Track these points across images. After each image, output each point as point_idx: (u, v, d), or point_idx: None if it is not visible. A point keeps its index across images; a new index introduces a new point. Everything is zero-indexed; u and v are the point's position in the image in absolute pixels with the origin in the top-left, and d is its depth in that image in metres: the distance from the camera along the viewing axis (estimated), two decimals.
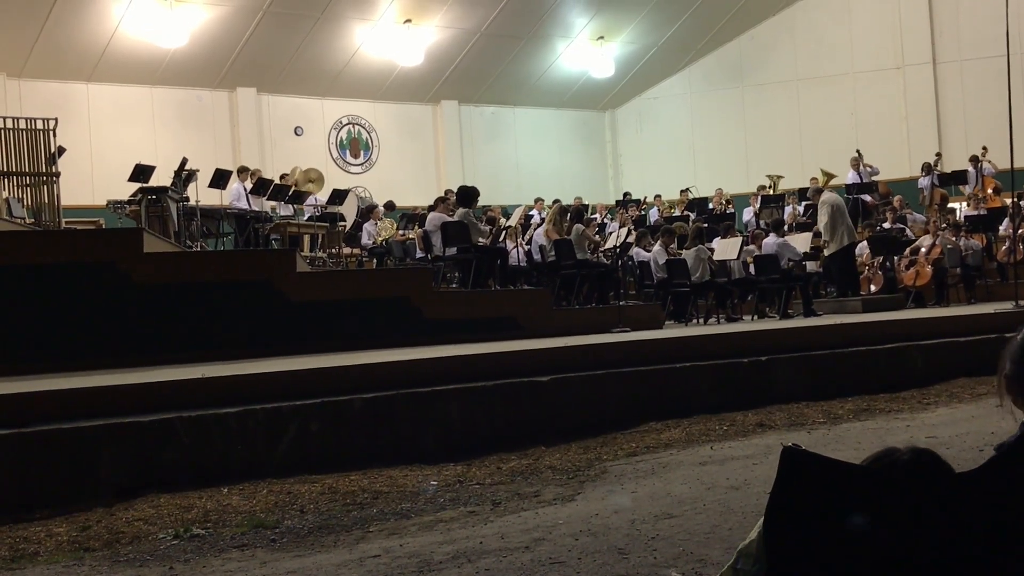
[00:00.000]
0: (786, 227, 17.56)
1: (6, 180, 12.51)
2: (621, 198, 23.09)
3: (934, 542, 2.16)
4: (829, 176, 18.91)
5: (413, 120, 24.65)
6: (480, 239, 13.37)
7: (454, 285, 14.28)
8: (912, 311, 14.36)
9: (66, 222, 13.60)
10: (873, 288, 16.39)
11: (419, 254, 15.25)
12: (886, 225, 18.15)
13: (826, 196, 15.35)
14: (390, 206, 18.87)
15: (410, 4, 21.40)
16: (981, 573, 2.14)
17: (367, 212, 17.57)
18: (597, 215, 20.52)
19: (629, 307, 13.19)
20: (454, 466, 6.60)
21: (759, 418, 7.87)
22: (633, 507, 5.18)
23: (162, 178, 15.02)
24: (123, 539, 5.08)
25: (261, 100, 22.42)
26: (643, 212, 21.39)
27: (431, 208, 14.94)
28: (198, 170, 15.14)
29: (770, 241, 15.19)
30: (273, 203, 16.44)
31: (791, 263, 14.91)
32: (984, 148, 19.76)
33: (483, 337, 10.41)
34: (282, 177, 17.06)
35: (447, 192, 19.03)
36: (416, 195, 22.04)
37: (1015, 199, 16.19)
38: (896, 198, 19.98)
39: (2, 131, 12.31)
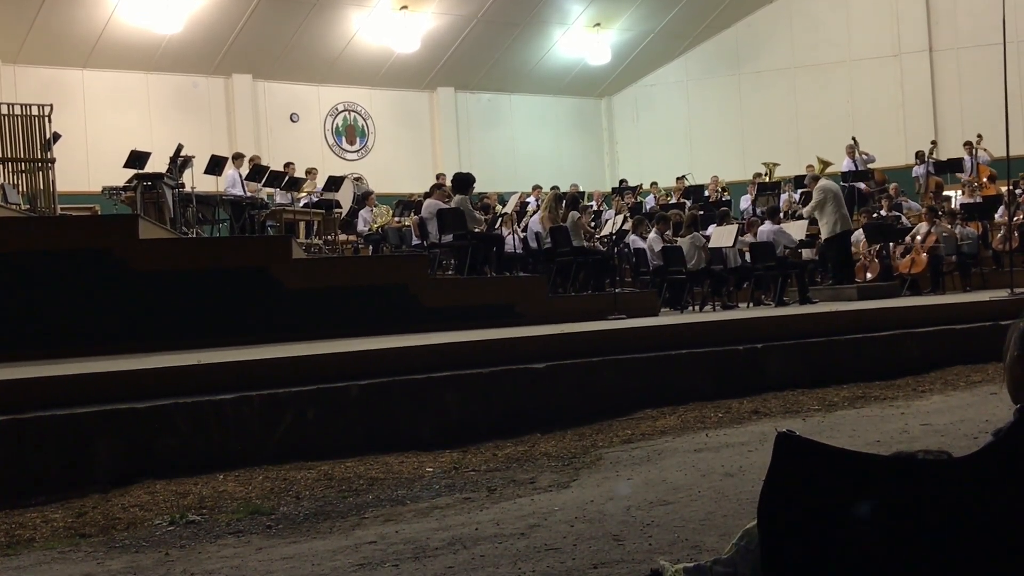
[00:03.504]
0: (782, 215, 17.56)
1: (1, 166, 12.49)
2: (617, 185, 23.08)
3: (930, 526, 2.16)
4: (825, 164, 18.89)
5: (409, 107, 24.62)
6: (475, 227, 13.37)
7: (450, 272, 14.28)
8: (908, 299, 14.37)
9: (61, 208, 13.59)
10: (869, 276, 16.40)
11: (415, 241, 15.25)
12: (882, 213, 18.16)
13: (822, 183, 15.36)
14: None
15: None
16: (977, 557, 2.15)
17: (363, 199, 17.55)
18: (593, 202, 20.51)
19: (625, 294, 13.19)
20: (450, 453, 6.61)
21: (754, 405, 7.87)
22: (628, 494, 5.19)
23: (158, 165, 14.99)
24: (119, 525, 5.09)
25: (257, 87, 22.37)
26: (639, 199, 21.38)
27: (427, 195, 14.93)
28: (194, 156, 15.11)
29: (766, 229, 15.19)
30: (269, 189, 16.41)
31: (787, 251, 14.91)
32: (979, 136, 19.76)
33: (479, 324, 10.41)
34: (286, 166, 17.00)
35: (439, 177, 19.03)
36: (412, 182, 22.02)
37: (1010, 187, 16.20)
38: (892, 186, 19.98)
39: None
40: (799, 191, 19.35)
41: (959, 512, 2.17)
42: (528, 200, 19.44)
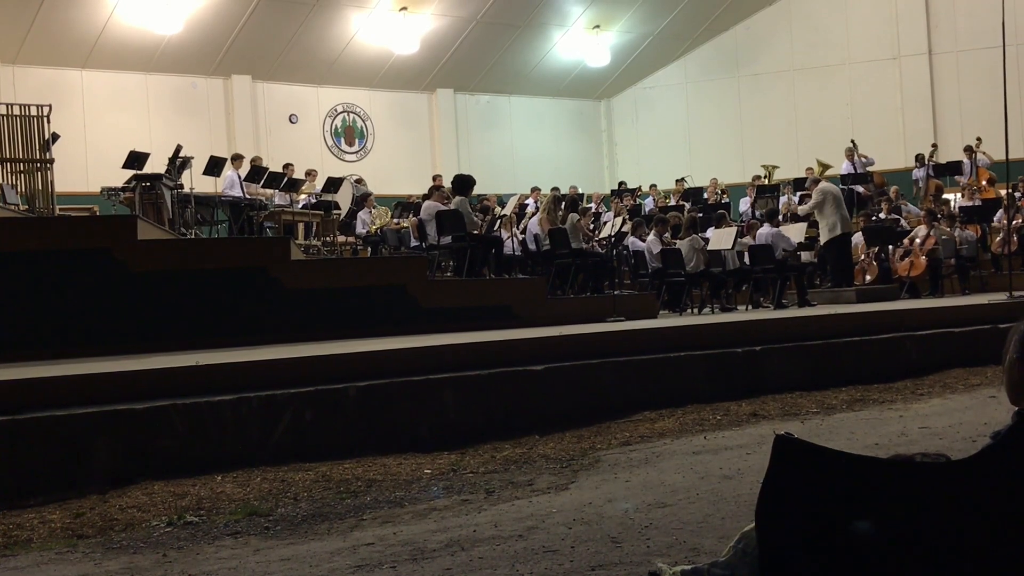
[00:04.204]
0: (780, 217, 17.55)
1: (0, 167, 12.47)
2: (616, 187, 23.08)
3: (928, 528, 2.16)
4: (825, 166, 18.90)
5: (408, 108, 24.62)
6: (473, 230, 13.36)
7: (449, 274, 14.27)
8: (906, 302, 14.37)
9: (60, 209, 13.57)
10: (868, 278, 16.40)
11: (414, 243, 15.25)
12: (881, 216, 18.16)
13: (822, 185, 15.37)
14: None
15: None
16: (977, 559, 2.14)
17: (361, 200, 17.54)
18: (592, 204, 20.50)
19: (624, 296, 13.19)
20: (448, 454, 6.61)
21: (753, 408, 7.88)
22: (627, 496, 5.19)
23: (156, 165, 14.99)
24: (116, 526, 5.08)
25: (256, 87, 22.37)
26: (638, 201, 21.38)
27: (426, 196, 14.93)
28: (192, 157, 15.11)
29: (764, 231, 15.18)
30: (268, 191, 16.40)
31: (785, 253, 14.92)
32: (978, 139, 19.77)
33: (478, 326, 10.41)
34: (286, 167, 16.99)
35: (436, 179, 19.04)
36: (411, 183, 22.02)
37: (1009, 190, 16.21)
38: (892, 189, 19.99)
39: None
40: (798, 194, 19.36)
41: (957, 515, 2.17)
42: (527, 202, 19.44)
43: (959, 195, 19.75)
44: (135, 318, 9.42)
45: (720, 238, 14.74)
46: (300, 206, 16.59)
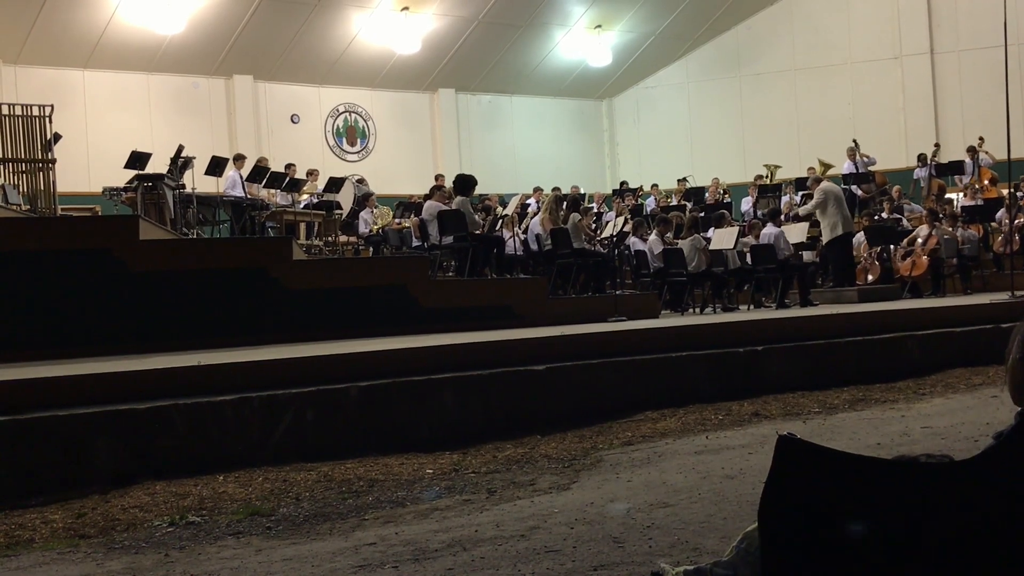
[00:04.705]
0: (782, 217, 17.54)
1: (2, 167, 12.49)
2: (618, 187, 23.08)
3: (931, 529, 2.16)
4: (826, 166, 18.89)
5: (410, 108, 24.62)
6: (475, 230, 13.36)
7: (450, 274, 14.27)
8: (908, 301, 14.36)
9: (62, 209, 13.58)
10: (870, 278, 16.39)
11: (415, 242, 15.25)
12: (883, 215, 18.15)
13: (823, 184, 15.36)
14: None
15: None
16: (979, 561, 2.14)
17: (363, 200, 17.55)
18: (594, 204, 20.50)
19: (625, 296, 13.19)
20: (450, 454, 6.61)
21: (754, 407, 7.87)
22: (628, 496, 5.18)
23: (158, 165, 14.99)
24: (118, 526, 5.08)
25: (258, 88, 22.38)
26: (640, 201, 21.37)
27: (427, 196, 14.93)
28: (194, 157, 15.11)
29: (767, 231, 15.18)
30: (270, 191, 16.41)
31: (787, 253, 14.92)
32: (981, 139, 19.76)
33: (479, 326, 10.41)
34: (288, 167, 16.99)
35: (438, 179, 19.05)
36: (413, 183, 22.03)
37: (1012, 189, 16.20)
38: (894, 188, 19.98)
39: None
40: (800, 193, 19.35)
41: (960, 515, 2.16)
42: (529, 202, 19.44)
43: (961, 194, 19.74)
44: (136, 318, 9.42)
45: (722, 238, 14.73)
46: (302, 206, 16.60)
